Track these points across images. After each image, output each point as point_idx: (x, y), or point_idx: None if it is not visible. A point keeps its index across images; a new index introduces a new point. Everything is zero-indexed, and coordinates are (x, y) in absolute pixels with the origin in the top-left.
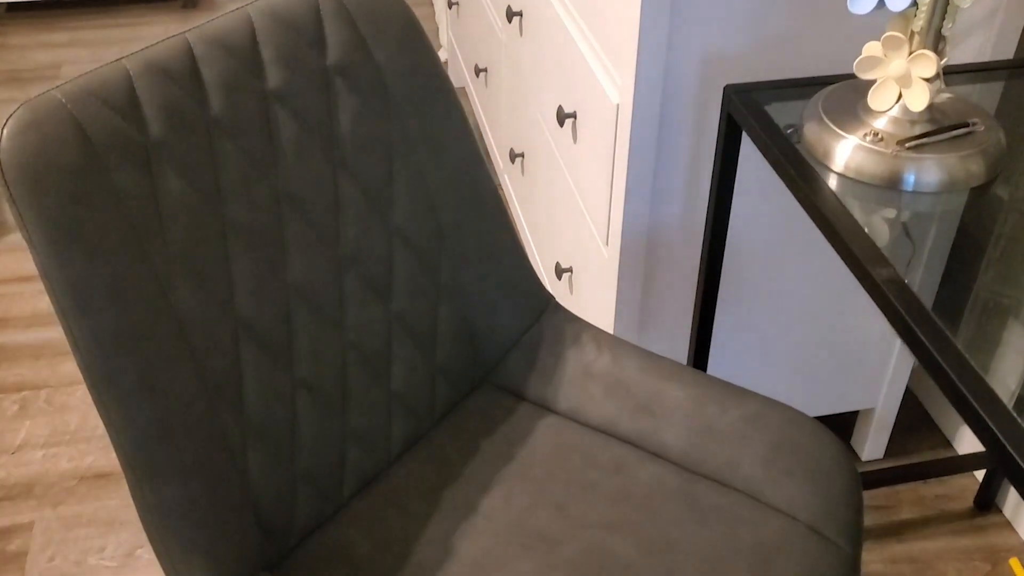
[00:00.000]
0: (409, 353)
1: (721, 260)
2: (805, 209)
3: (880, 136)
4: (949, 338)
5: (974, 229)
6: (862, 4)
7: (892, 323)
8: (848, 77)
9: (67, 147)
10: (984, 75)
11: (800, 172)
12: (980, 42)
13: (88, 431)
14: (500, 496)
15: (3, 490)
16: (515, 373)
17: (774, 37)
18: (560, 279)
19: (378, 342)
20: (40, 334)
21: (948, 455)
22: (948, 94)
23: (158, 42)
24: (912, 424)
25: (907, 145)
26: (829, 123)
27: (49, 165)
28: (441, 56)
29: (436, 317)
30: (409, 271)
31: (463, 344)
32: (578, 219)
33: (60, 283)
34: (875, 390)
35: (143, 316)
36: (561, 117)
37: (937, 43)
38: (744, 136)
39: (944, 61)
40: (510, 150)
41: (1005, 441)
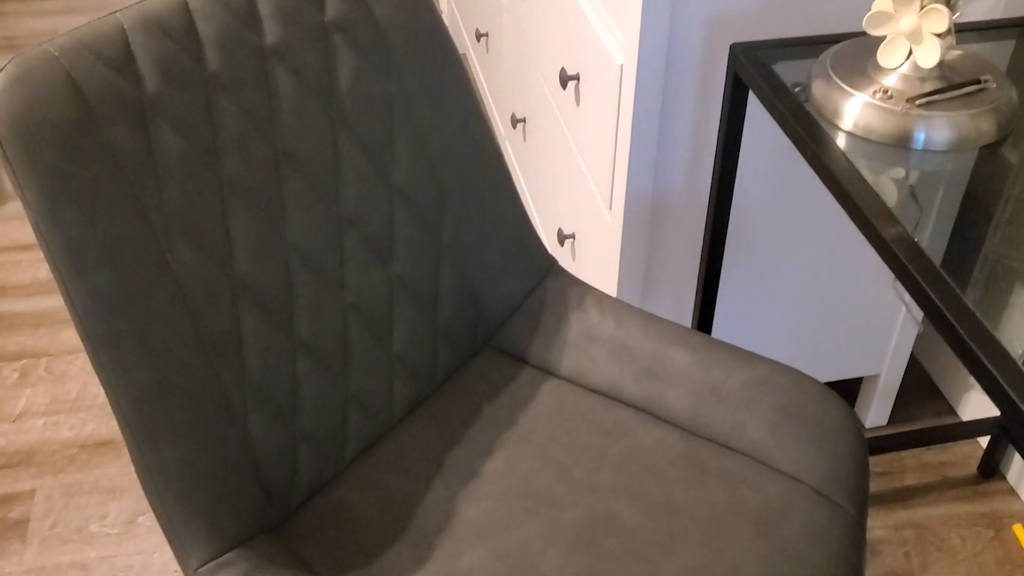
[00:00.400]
0: (410, 315)
1: (726, 224)
2: (813, 168)
3: (890, 94)
4: (959, 295)
5: (984, 189)
6: None
7: (901, 281)
8: (857, 35)
9: (60, 101)
10: (996, 32)
11: (808, 131)
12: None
13: (89, 399)
14: (503, 460)
15: (4, 458)
16: (517, 337)
17: None
18: (563, 246)
19: (379, 304)
20: (40, 302)
21: (952, 422)
22: (959, 51)
23: None
24: (916, 391)
25: (917, 102)
26: (838, 81)
27: (42, 119)
28: None
29: (438, 279)
30: (410, 232)
31: (465, 307)
32: (581, 184)
33: (56, 242)
34: (880, 357)
35: (140, 275)
36: (564, 79)
37: None
38: (750, 97)
39: (956, 16)
40: (512, 115)
41: (1015, 396)
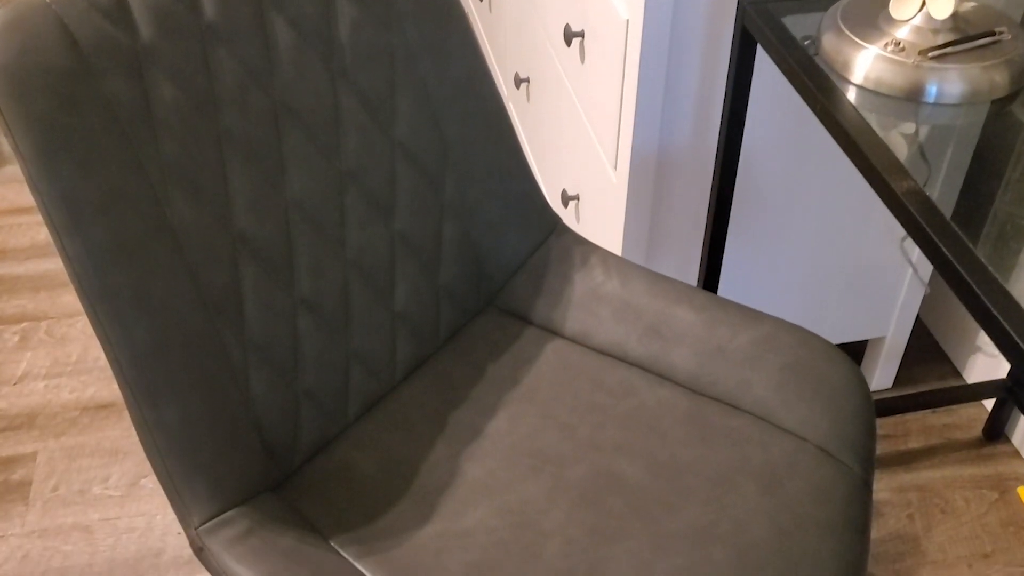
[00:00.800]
0: (412, 274)
1: (733, 182)
2: (823, 122)
3: (901, 46)
4: (970, 248)
5: (996, 143)
6: None
7: (912, 235)
8: None
9: (53, 49)
10: None
11: (818, 84)
12: None
13: (90, 362)
14: (506, 419)
15: (5, 421)
16: (521, 296)
17: None
18: (567, 207)
19: (380, 262)
20: (39, 265)
21: (957, 384)
22: (973, 2)
23: None
24: (922, 354)
25: (929, 55)
26: (848, 33)
27: (34, 68)
28: None
29: (440, 237)
30: (412, 188)
31: (468, 265)
32: (585, 143)
33: (50, 194)
34: (885, 319)
35: (138, 229)
36: (568, 36)
37: None
38: (759, 52)
39: None
40: (515, 75)
41: None
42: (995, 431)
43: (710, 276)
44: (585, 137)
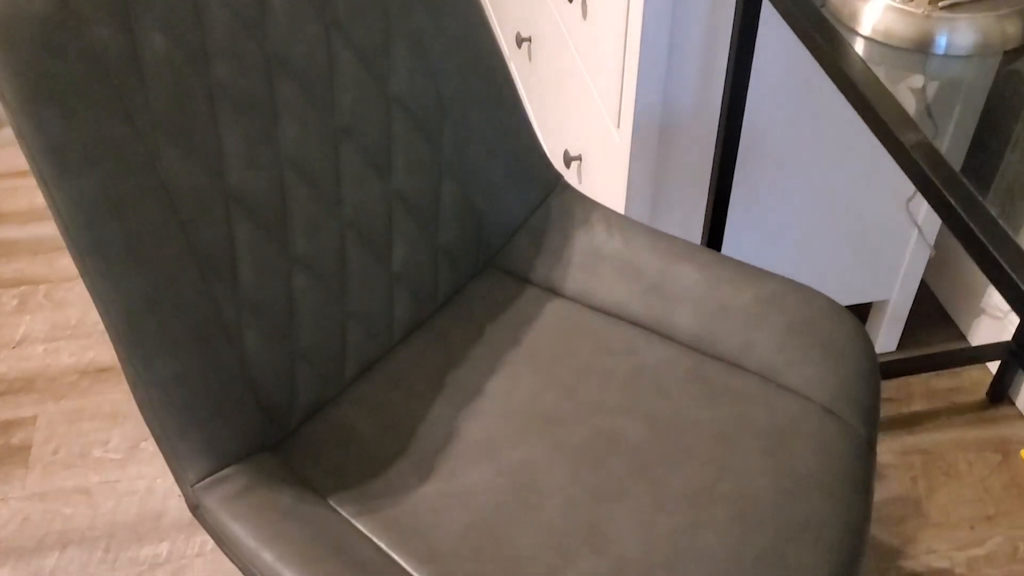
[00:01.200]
0: (410, 232)
1: (737, 140)
2: (830, 75)
3: None
4: (980, 201)
5: (1008, 95)
6: None
7: (920, 189)
8: None
9: None
10: None
11: (825, 36)
12: None
13: (89, 326)
14: (506, 379)
15: (4, 384)
16: (521, 256)
17: None
18: (569, 168)
19: (377, 220)
20: (37, 229)
21: (962, 347)
22: None
23: None
24: (926, 317)
25: (940, 5)
26: None
27: (18, 14)
28: None
29: (438, 195)
30: (409, 144)
31: (467, 224)
32: (588, 103)
33: (37, 143)
34: (890, 281)
35: (127, 182)
36: None
37: None
38: (764, 6)
39: None
40: (516, 34)
41: None
42: (999, 394)
43: (713, 235)
44: (588, 96)
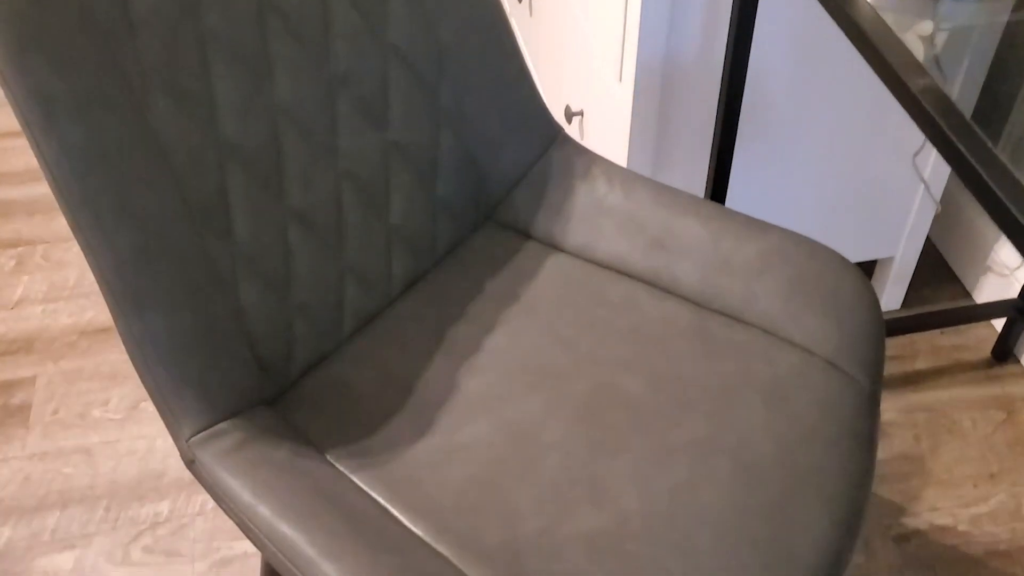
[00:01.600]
0: (408, 185)
1: (741, 93)
2: (837, 21)
3: None
4: (991, 148)
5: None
6: None
7: (929, 137)
8: None
9: None
10: None
11: None
12: None
13: (87, 286)
14: (505, 334)
15: (3, 345)
16: (521, 210)
17: None
18: (570, 123)
19: (374, 172)
20: (34, 189)
21: (967, 304)
22: None
23: None
24: (931, 275)
25: None
26: None
27: None
28: None
29: (436, 146)
30: (406, 95)
31: (466, 177)
32: (589, 57)
33: (23, 93)
34: (895, 239)
35: (116, 132)
36: None
37: None
38: None
39: None
40: None
41: None
42: (1004, 352)
43: (717, 189)
44: (589, 50)
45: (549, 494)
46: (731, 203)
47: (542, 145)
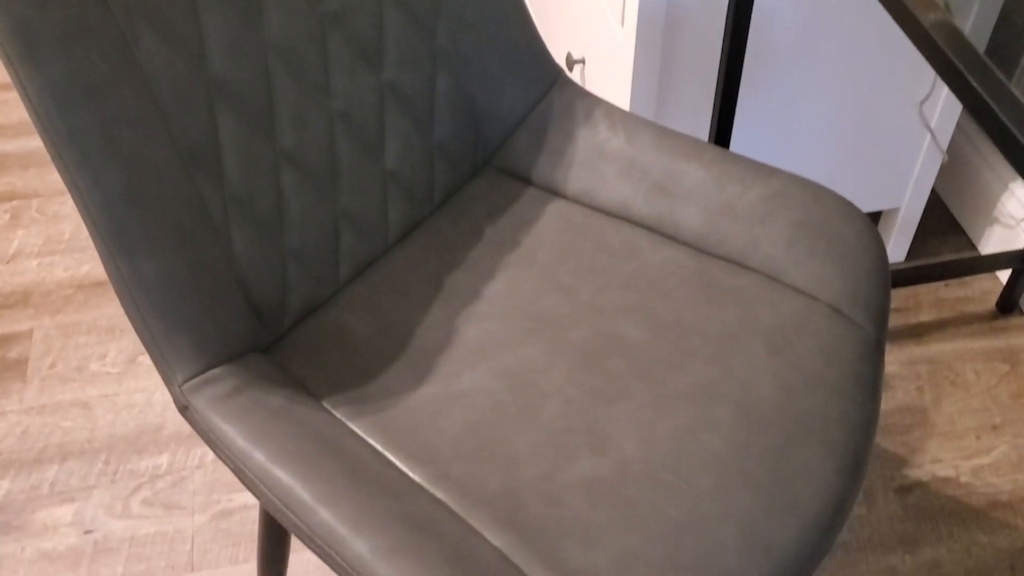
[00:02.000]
0: (404, 128)
1: (745, 38)
2: None
3: None
4: (1005, 83)
5: None
6: None
7: (940, 73)
8: None
9: None
10: None
11: None
12: None
13: (83, 240)
14: (505, 282)
15: None
16: (521, 155)
17: None
18: (572, 71)
19: (369, 114)
20: (28, 142)
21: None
22: None
23: None
24: (936, 227)
25: None
26: None
27: None
28: None
29: (433, 88)
30: (402, 34)
31: (463, 120)
32: (591, 1)
33: (4, 28)
34: (900, 189)
35: (101, 67)
36: None
37: None
38: None
39: None
40: None
41: None
42: (1009, 304)
43: (721, 129)
44: None
45: (549, 440)
46: (734, 150)
47: (542, 87)
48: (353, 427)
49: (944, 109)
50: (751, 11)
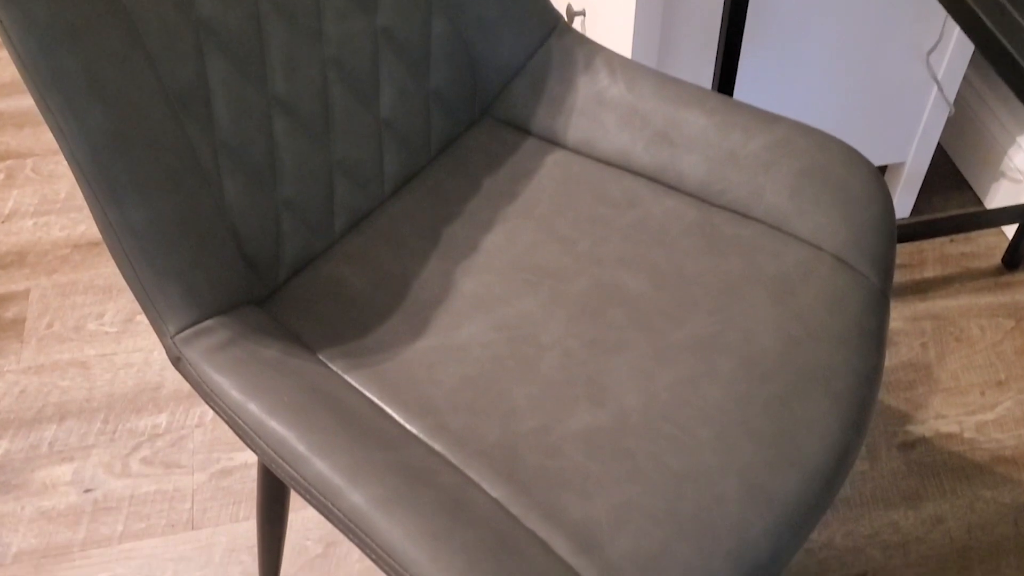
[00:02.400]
0: (399, 75)
1: None
2: None
3: None
4: (1017, 19)
5: None
6: None
7: (951, 11)
8: None
9: None
10: None
11: None
12: None
13: (79, 199)
14: (503, 233)
15: None
16: (519, 104)
17: None
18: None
19: (363, 60)
20: (22, 101)
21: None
22: None
23: None
24: (942, 183)
25: None
26: None
27: None
28: None
29: (429, 34)
30: None
31: (460, 66)
32: None
33: None
34: (906, 143)
35: (83, 8)
36: None
37: None
38: None
39: None
40: None
41: None
42: (1015, 259)
43: (725, 78)
44: None
45: (547, 392)
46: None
47: (541, 33)
48: (349, 379)
49: (951, 60)
50: None
